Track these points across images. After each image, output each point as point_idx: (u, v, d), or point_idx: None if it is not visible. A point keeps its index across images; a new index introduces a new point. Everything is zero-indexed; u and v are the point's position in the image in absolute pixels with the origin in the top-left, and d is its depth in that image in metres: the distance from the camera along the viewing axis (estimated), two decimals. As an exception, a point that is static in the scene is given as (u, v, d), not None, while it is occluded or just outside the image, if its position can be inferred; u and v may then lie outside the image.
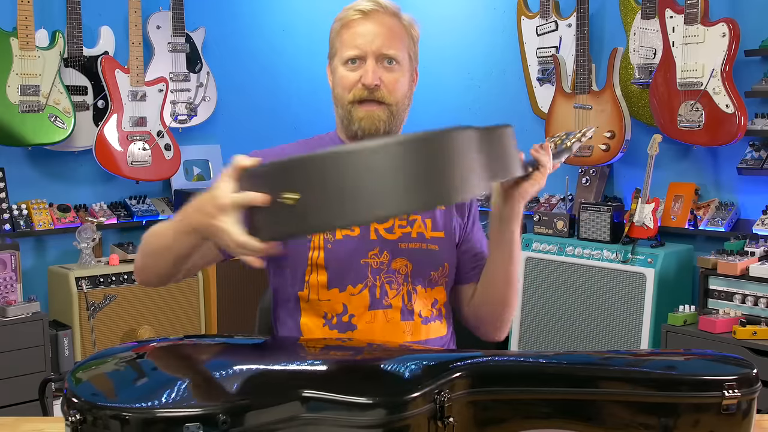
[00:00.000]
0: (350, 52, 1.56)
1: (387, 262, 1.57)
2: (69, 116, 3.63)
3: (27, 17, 3.51)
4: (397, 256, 1.57)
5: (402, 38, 1.60)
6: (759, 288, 3.04)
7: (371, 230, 1.58)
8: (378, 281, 1.57)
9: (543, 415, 1.27)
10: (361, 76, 1.55)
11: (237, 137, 4.46)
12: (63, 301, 3.64)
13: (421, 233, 1.60)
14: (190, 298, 3.86)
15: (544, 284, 3.64)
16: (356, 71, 1.56)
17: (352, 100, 1.56)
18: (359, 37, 1.56)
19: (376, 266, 1.57)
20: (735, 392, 1.24)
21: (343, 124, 1.61)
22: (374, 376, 1.26)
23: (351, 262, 1.56)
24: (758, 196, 3.31)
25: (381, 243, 1.58)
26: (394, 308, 1.57)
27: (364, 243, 1.57)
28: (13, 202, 3.68)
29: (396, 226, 1.59)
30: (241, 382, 1.19)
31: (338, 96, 1.59)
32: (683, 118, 3.29)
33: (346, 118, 1.58)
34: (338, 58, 1.59)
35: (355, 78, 1.56)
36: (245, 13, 4.48)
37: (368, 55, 1.55)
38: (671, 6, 3.31)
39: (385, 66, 1.57)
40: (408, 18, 1.64)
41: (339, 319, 1.56)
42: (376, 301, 1.57)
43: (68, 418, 1.10)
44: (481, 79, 4.37)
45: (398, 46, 1.58)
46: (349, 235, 1.57)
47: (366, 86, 1.54)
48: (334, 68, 1.61)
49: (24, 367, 3.31)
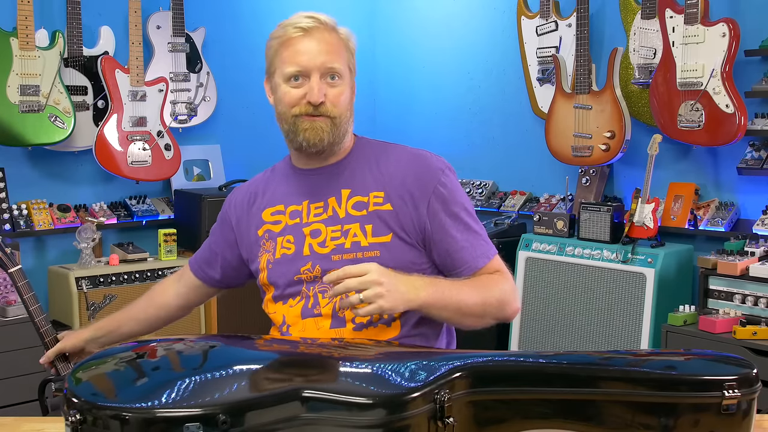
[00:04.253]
0: (292, 68, 1.59)
1: (319, 274, 1.60)
2: (69, 116, 3.63)
3: (27, 17, 3.51)
4: (330, 268, 1.56)
5: (342, 52, 1.62)
6: (759, 288, 3.04)
7: (305, 246, 1.63)
8: (311, 292, 1.62)
9: (543, 415, 1.27)
10: (305, 93, 1.58)
11: (237, 137, 4.46)
12: (63, 301, 3.64)
13: (356, 242, 1.60)
14: (190, 298, 3.85)
15: (544, 284, 3.64)
16: (299, 88, 1.59)
17: (296, 113, 1.60)
18: (301, 55, 1.59)
19: (309, 279, 1.62)
20: (735, 392, 1.24)
21: (289, 138, 1.65)
22: (374, 376, 1.26)
23: (287, 278, 1.64)
24: (758, 196, 3.31)
25: (313, 258, 1.62)
26: (324, 316, 1.60)
27: (297, 260, 1.63)
28: (13, 202, 3.68)
29: (328, 239, 1.62)
30: (241, 382, 1.19)
31: (281, 112, 1.64)
32: (683, 118, 3.29)
33: (291, 131, 1.63)
34: (279, 75, 1.62)
35: (299, 94, 1.59)
36: (245, 13, 4.48)
37: (312, 71, 1.58)
38: (671, 6, 3.31)
39: (328, 81, 1.60)
40: (345, 31, 1.65)
41: (281, 329, 1.65)
42: (307, 311, 1.62)
43: (68, 418, 1.10)
44: (481, 79, 4.37)
45: (339, 61, 1.61)
46: (285, 254, 1.65)
47: (311, 103, 1.58)
48: (275, 86, 1.65)
49: (24, 367, 3.31)
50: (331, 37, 1.61)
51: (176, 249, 3.94)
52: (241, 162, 4.42)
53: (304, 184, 1.69)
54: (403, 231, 1.61)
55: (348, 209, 1.64)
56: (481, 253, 1.64)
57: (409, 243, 1.62)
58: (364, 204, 1.63)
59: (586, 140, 3.66)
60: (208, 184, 4.28)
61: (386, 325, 1.59)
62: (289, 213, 1.68)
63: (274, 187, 1.74)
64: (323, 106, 1.59)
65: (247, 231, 1.74)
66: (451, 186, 1.65)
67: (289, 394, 1.14)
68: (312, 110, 1.59)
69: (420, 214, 1.62)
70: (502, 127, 4.29)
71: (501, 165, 4.30)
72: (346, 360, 1.36)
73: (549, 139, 3.82)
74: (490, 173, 4.34)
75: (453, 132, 4.50)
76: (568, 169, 3.88)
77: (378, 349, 1.44)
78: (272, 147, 4.84)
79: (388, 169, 1.65)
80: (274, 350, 1.47)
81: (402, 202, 1.62)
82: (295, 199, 1.69)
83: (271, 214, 1.71)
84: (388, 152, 1.70)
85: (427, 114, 4.65)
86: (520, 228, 3.95)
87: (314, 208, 1.66)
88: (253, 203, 1.75)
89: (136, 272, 3.74)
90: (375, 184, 1.64)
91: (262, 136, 4.53)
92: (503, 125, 4.28)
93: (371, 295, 1.42)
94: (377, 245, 1.60)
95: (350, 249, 1.60)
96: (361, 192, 1.64)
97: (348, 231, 1.62)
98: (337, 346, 1.47)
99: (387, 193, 1.63)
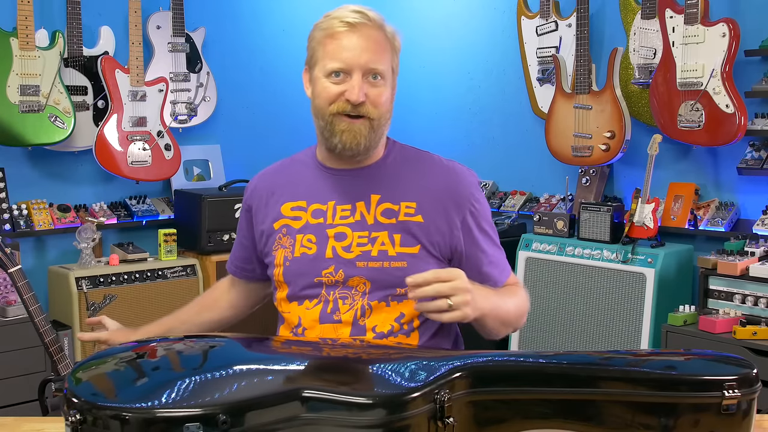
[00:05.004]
0: (335, 64, 1.54)
1: (342, 279, 1.58)
2: (69, 116, 3.63)
3: (27, 17, 3.51)
4: (353, 274, 1.56)
5: (386, 52, 1.57)
6: (759, 288, 3.04)
7: (328, 248, 1.59)
8: (332, 296, 1.59)
9: (543, 415, 1.27)
10: (345, 90, 1.54)
11: (237, 137, 4.46)
12: (63, 301, 3.64)
13: (383, 251, 1.58)
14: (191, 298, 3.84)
15: (544, 284, 3.64)
16: (340, 84, 1.54)
17: (334, 112, 1.55)
18: (345, 51, 1.54)
19: (330, 283, 1.59)
20: (735, 392, 1.24)
21: (324, 136, 1.60)
22: (374, 376, 1.26)
23: (306, 278, 1.60)
24: (758, 196, 3.31)
25: (336, 261, 1.58)
26: (344, 323, 1.58)
27: (319, 261, 1.59)
28: (13, 202, 3.68)
29: (354, 244, 1.58)
30: (241, 382, 1.19)
31: (319, 107, 1.58)
32: (683, 118, 3.29)
33: (327, 130, 1.57)
34: (320, 69, 1.57)
35: (338, 91, 1.54)
36: (245, 13, 4.48)
37: (354, 69, 1.53)
38: (671, 6, 3.31)
39: (370, 81, 1.55)
40: (391, 30, 1.60)
41: (295, 331, 1.62)
42: (326, 316, 1.59)
43: (68, 418, 1.10)
44: (481, 79, 4.37)
45: (383, 61, 1.56)
46: (306, 253, 1.61)
47: (351, 102, 1.53)
48: (315, 78, 1.59)
49: (24, 367, 3.31)
50: (378, 34, 1.56)
51: (176, 249, 3.94)
52: (241, 162, 4.42)
53: (332, 183, 1.64)
54: (431, 244, 1.60)
55: (377, 216, 1.60)
56: (504, 268, 1.70)
57: (435, 256, 1.61)
58: (394, 212, 1.60)
59: (586, 140, 3.66)
60: (208, 184, 4.28)
61: (406, 336, 1.59)
62: (312, 211, 1.64)
63: (295, 180, 1.69)
64: (363, 107, 1.54)
65: (263, 221, 1.69)
66: (483, 201, 1.67)
67: (289, 394, 1.14)
68: (350, 109, 1.54)
69: (452, 229, 1.62)
70: (502, 127, 4.29)
71: (501, 165, 4.30)
72: (346, 360, 1.36)
73: (549, 139, 3.82)
74: (490, 173, 4.34)
75: (453, 132, 4.50)
76: (568, 169, 3.88)
77: (378, 349, 1.44)
78: (272, 147, 4.84)
79: (422, 180, 1.63)
80: (274, 350, 1.47)
81: (434, 216, 1.60)
82: (320, 197, 1.64)
83: (291, 209, 1.66)
84: (422, 161, 1.66)
85: (427, 114, 4.65)
86: (520, 228, 3.95)
87: (340, 210, 1.61)
88: (272, 194, 1.70)
89: (136, 272, 3.73)
90: (407, 193, 1.61)
91: (262, 136, 4.53)
92: (503, 125, 4.28)
93: (460, 301, 1.39)
94: (405, 256, 1.58)
95: (377, 257, 1.58)
96: (391, 199, 1.61)
97: (376, 239, 1.59)
98: (337, 347, 1.47)
99: (419, 205, 1.60)
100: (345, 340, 1.55)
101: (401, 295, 1.58)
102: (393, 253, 1.58)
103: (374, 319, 1.58)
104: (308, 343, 1.52)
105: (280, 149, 1.76)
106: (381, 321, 1.58)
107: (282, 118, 4.56)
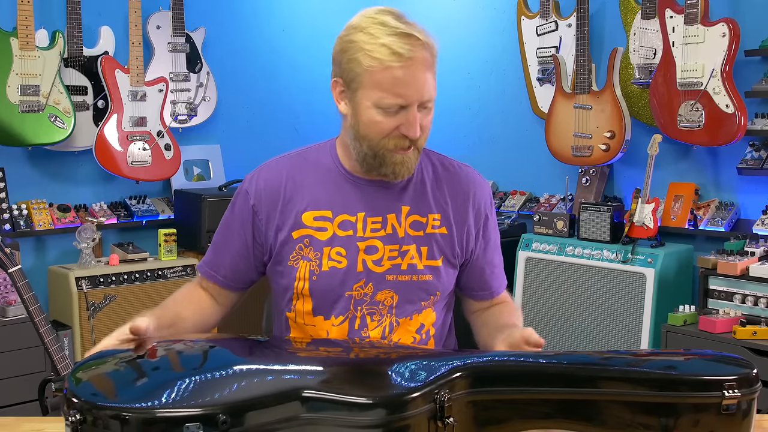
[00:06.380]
0: (392, 101, 1.44)
1: (371, 293, 1.56)
2: (69, 116, 3.63)
3: (27, 17, 3.51)
4: (382, 288, 1.56)
5: (434, 72, 1.48)
6: (759, 288, 3.04)
7: (359, 261, 1.55)
8: (359, 312, 1.56)
9: (543, 415, 1.27)
10: (400, 125, 1.45)
11: (237, 137, 4.46)
12: (63, 301, 3.64)
13: (412, 265, 1.56)
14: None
15: (544, 284, 3.64)
16: (393, 117, 1.45)
17: (390, 148, 1.48)
18: (402, 87, 1.43)
19: (359, 297, 1.56)
20: (735, 392, 1.24)
21: (366, 161, 1.52)
22: (374, 376, 1.26)
23: (336, 293, 1.56)
24: (758, 196, 3.30)
25: (366, 275, 1.55)
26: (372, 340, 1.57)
27: (350, 275, 1.55)
28: (13, 202, 3.68)
29: (385, 258, 1.56)
30: (241, 382, 1.19)
31: (366, 137, 1.48)
32: (683, 118, 3.29)
33: (374, 159, 1.50)
34: (368, 98, 1.45)
35: (393, 125, 1.45)
36: (245, 13, 4.48)
37: (412, 104, 1.45)
38: (671, 6, 3.31)
39: (422, 109, 1.47)
40: (433, 43, 1.49)
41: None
42: (354, 332, 1.57)
43: (68, 418, 1.10)
44: (481, 79, 4.37)
45: (434, 84, 1.47)
46: (335, 267, 1.55)
47: (410, 138, 1.46)
48: (358, 103, 1.47)
49: (24, 367, 3.31)
50: (427, 55, 1.46)
51: (176, 249, 3.94)
52: (241, 162, 4.42)
53: (360, 194, 1.57)
54: (452, 255, 1.61)
55: (407, 228, 1.58)
56: (502, 282, 1.73)
57: (453, 266, 1.63)
58: (422, 225, 1.59)
59: (586, 140, 3.66)
60: (208, 184, 4.28)
61: (425, 344, 1.62)
62: (339, 222, 1.56)
63: (316, 186, 1.58)
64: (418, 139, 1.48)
65: (280, 228, 1.58)
66: (494, 210, 1.70)
67: (289, 394, 1.14)
68: (407, 144, 1.47)
69: (470, 237, 1.64)
70: (502, 127, 4.29)
71: (501, 165, 4.30)
72: (346, 360, 1.36)
73: (549, 139, 3.82)
74: (490, 173, 4.33)
75: (453, 132, 4.50)
76: (568, 169, 3.87)
77: (377, 349, 1.44)
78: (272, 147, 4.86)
79: (447, 190, 1.62)
80: (274, 350, 1.47)
81: (457, 226, 1.62)
82: (348, 208, 1.56)
83: (314, 219, 1.56)
84: (446, 169, 1.65)
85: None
86: (520, 228, 3.95)
87: (371, 223, 1.56)
88: (289, 199, 1.58)
89: (136, 272, 3.73)
90: (434, 205, 1.60)
91: (262, 136, 4.53)
92: (503, 125, 4.28)
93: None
94: (430, 269, 1.59)
95: (406, 271, 1.57)
96: (420, 212, 1.59)
97: (406, 252, 1.57)
98: (337, 347, 1.47)
99: (444, 216, 1.61)
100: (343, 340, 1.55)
101: (422, 307, 1.60)
102: (421, 267, 1.58)
103: (399, 333, 1.59)
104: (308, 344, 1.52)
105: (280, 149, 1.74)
106: (405, 334, 1.59)
107: (282, 118, 4.56)
